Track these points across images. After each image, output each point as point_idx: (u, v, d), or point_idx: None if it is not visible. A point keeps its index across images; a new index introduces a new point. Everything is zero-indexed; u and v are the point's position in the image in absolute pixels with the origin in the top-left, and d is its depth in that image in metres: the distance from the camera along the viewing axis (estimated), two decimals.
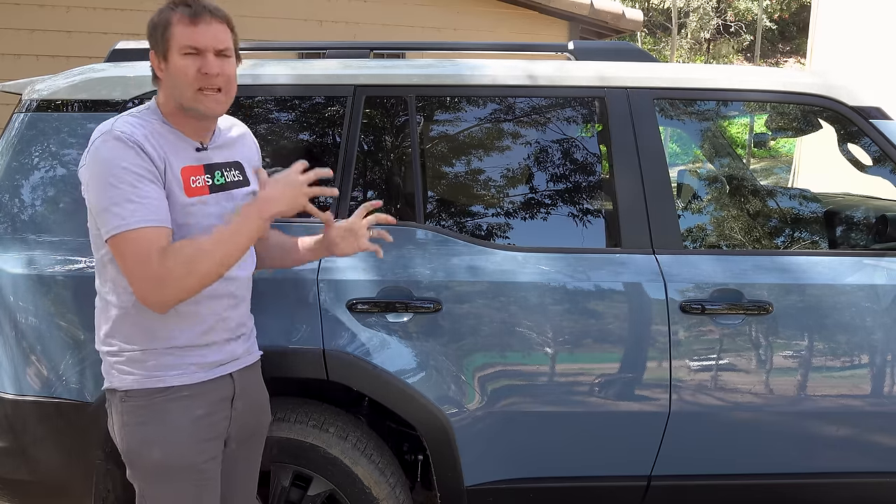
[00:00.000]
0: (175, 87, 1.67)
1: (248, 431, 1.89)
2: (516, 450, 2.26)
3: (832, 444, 2.32)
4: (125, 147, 1.59)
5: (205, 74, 1.64)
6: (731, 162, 3.54)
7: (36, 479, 2.15)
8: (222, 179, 1.77)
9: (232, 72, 1.71)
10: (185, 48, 1.64)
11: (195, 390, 1.73)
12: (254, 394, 1.90)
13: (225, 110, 1.74)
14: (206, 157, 1.75)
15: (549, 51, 2.77)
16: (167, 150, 1.67)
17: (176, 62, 1.65)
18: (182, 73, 1.64)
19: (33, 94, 2.24)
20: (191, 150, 1.73)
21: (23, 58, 5.48)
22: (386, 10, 6.59)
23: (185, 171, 1.69)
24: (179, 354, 1.72)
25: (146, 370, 1.70)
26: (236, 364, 1.83)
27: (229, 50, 1.70)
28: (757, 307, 2.23)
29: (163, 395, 1.70)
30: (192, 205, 1.69)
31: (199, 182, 1.71)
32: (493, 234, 2.35)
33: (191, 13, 1.65)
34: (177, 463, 1.71)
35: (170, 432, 1.70)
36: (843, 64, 8.30)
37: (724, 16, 24.72)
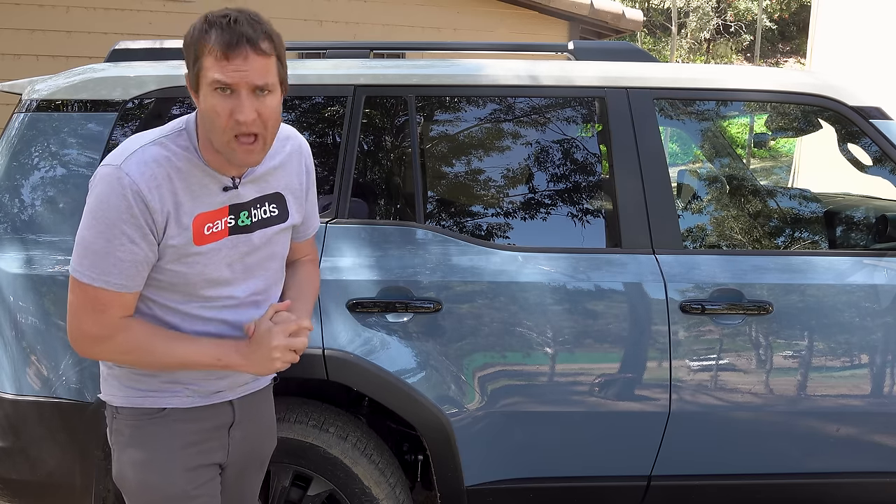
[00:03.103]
0: (206, 127, 1.47)
1: (250, 459, 1.76)
2: (516, 450, 2.26)
3: (832, 444, 2.32)
4: (122, 196, 1.43)
5: (236, 121, 1.41)
6: (731, 162, 3.54)
7: (36, 479, 2.15)
8: (248, 221, 1.58)
9: (272, 113, 1.46)
10: (216, 84, 1.40)
11: (188, 415, 1.61)
12: (258, 420, 1.76)
13: (262, 158, 1.51)
14: (235, 196, 1.56)
15: (549, 51, 2.77)
16: (183, 193, 1.49)
17: (206, 99, 1.42)
18: (213, 113, 1.42)
19: (33, 94, 2.24)
20: (217, 189, 1.53)
21: (23, 58, 5.48)
22: (386, 10, 6.59)
23: (200, 218, 1.51)
24: (173, 380, 1.59)
25: (137, 389, 1.59)
26: (240, 391, 1.68)
27: (270, 86, 1.44)
28: (757, 307, 2.23)
29: (153, 417, 1.59)
30: (201, 253, 1.53)
31: (218, 226, 1.54)
32: (494, 234, 2.35)
33: (225, 43, 1.39)
34: (166, 490, 1.59)
35: (158, 457, 1.59)
36: (843, 64, 8.31)
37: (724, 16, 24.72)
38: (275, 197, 1.63)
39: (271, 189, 1.63)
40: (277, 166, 1.64)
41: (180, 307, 1.57)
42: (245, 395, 1.70)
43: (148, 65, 2.27)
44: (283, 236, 1.68)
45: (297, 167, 1.69)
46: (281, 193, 1.64)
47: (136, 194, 1.43)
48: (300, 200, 1.71)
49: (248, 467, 1.77)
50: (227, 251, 1.57)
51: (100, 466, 2.11)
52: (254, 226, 1.59)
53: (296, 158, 1.69)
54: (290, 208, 1.67)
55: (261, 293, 1.65)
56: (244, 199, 1.58)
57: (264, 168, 1.61)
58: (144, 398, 1.60)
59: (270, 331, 1.52)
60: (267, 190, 1.62)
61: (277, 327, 1.53)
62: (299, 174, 1.70)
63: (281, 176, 1.65)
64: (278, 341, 1.52)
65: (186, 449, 1.61)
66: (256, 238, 1.61)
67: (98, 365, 1.73)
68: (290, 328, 1.54)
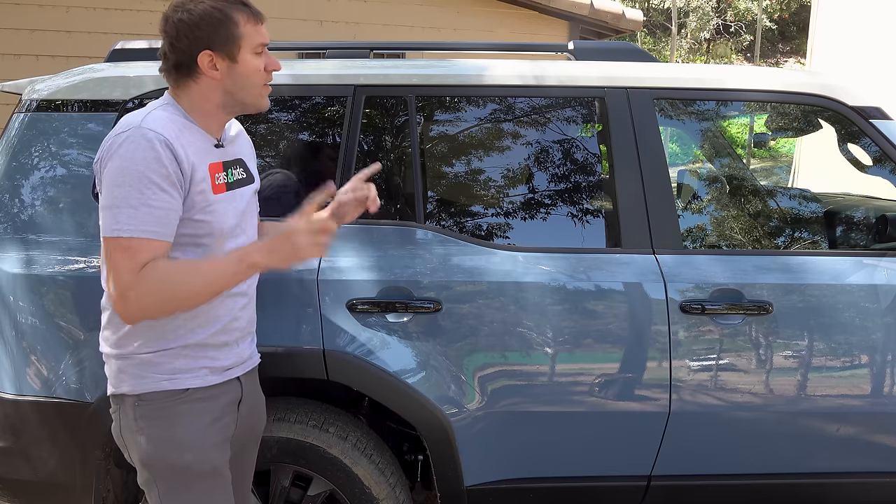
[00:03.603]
0: (243, 85, 1.69)
1: (249, 435, 1.89)
2: (516, 450, 2.26)
3: (832, 444, 2.32)
4: (150, 148, 1.54)
5: (271, 72, 1.71)
6: (731, 162, 3.54)
7: (36, 479, 2.15)
8: (232, 177, 1.76)
9: None
10: (259, 47, 1.68)
11: (209, 393, 1.72)
12: (255, 398, 1.90)
13: None
14: (223, 153, 1.75)
15: (549, 51, 2.77)
16: (194, 149, 1.64)
17: (250, 62, 1.67)
18: (255, 70, 1.68)
19: (33, 94, 2.24)
20: (211, 146, 1.71)
21: (23, 58, 5.48)
22: (386, 10, 6.59)
23: (211, 167, 1.68)
24: (192, 356, 1.70)
25: (160, 373, 1.68)
26: (243, 367, 1.82)
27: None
28: (757, 307, 2.23)
29: (178, 399, 1.69)
30: (218, 202, 1.67)
31: (221, 178, 1.71)
32: (494, 234, 2.35)
33: (255, 14, 1.69)
34: (200, 466, 1.70)
35: (189, 435, 1.69)
36: (843, 64, 8.31)
37: (724, 16, 24.72)
38: (241, 162, 1.83)
39: (238, 154, 1.82)
40: (236, 136, 1.85)
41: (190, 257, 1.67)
42: (247, 373, 1.83)
43: (148, 65, 2.26)
44: (254, 200, 1.85)
45: (247, 143, 1.91)
46: (243, 159, 1.84)
47: (164, 144, 1.56)
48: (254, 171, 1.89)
49: (247, 442, 1.89)
50: (231, 203, 1.73)
51: (100, 466, 2.11)
52: (237, 182, 1.78)
53: (245, 135, 1.92)
54: (253, 174, 1.86)
55: None
56: (228, 158, 1.77)
57: (228, 136, 1.81)
58: (169, 380, 1.68)
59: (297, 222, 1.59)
60: (236, 154, 1.81)
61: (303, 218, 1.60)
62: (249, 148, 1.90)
63: (240, 146, 1.86)
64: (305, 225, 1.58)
65: (212, 425, 1.73)
66: (243, 194, 1.79)
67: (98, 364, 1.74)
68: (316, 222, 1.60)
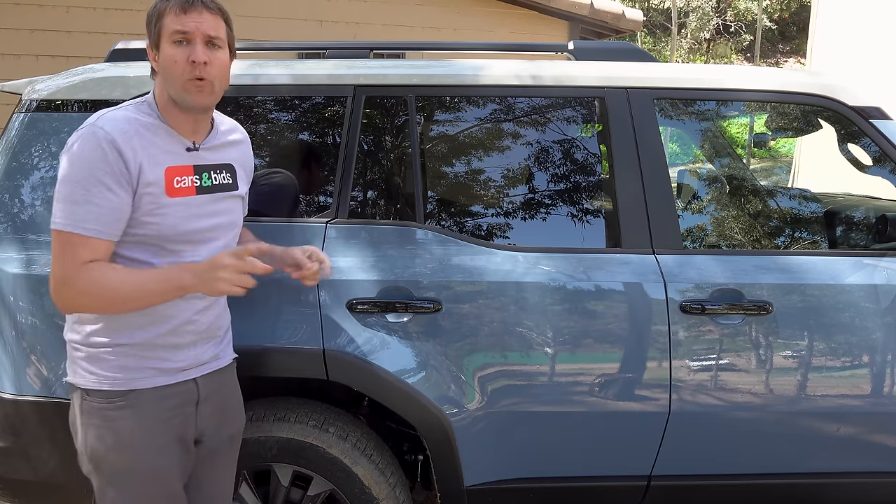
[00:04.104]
0: (166, 77, 1.66)
1: (218, 436, 1.86)
2: (516, 450, 2.26)
3: (832, 444, 2.32)
4: (97, 147, 1.58)
5: (192, 63, 1.63)
6: (731, 162, 3.54)
7: (36, 479, 2.15)
8: (209, 181, 1.76)
9: (223, 65, 1.69)
10: (175, 34, 1.63)
11: (155, 395, 1.71)
12: (225, 397, 1.88)
13: (213, 102, 1.72)
14: (197, 157, 1.74)
15: (549, 51, 2.77)
16: (152, 149, 1.65)
17: (166, 51, 1.64)
18: (171, 61, 1.64)
19: (33, 94, 2.24)
20: (181, 148, 1.71)
21: (23, 58, 5.48)
22: (386, 10, 6.59)
23: (170, 170, 1.67)
24: (140, 356, 1.70)
25: (107, 370, 1.69)
26: (202, 369, 1.80)
27: (220, 40, 1.68)
28: (757, 307, 2.23)
29: (122, 399, 1.69)
30: (172, 205, 1.67)
31: (186, 182, 1.70)
32: (494, 234, 2.35)
33: (182, 2, 1.64)
34: (138, 468, 1.70)
35: (129, 437, 1.69)
36: (843, 64, 8.31)
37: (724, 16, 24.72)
38: (229, 167, 1.83)
39: (226, 160, 1.83)
40: (232, 142, 1.86)
41: (152, 261, 1.69)
42: (209, 373, 1.82)
43: (148, 65, 2.26)
44: (237, 205, 1.86)
45: (244, 151, 1.92)
46: (233, 165, 1.84)
47: (111, 143, 1.59)
48: (244, 179, 1.90)
49: (219, 443, 1.87)
50: (195, 208, 1.72)
51: None
52: (213, 188, 1.77)
53: (246, 146, 1.93)
54: (239, 181, 1.86)
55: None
56: (206, 162, 1.76)
57: (221, 140, 1.82)
58: (112, 381, 1.69)
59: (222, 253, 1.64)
60: (223, 160, 1.82)
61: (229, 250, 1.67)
62: (244, 156, 1.91)
63: (232, 152, 1.86)
64: (228, 260, 1.61)
65: (155, 427, 1.71)
66: (218, 199, 1.78)
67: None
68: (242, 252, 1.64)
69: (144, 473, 1.71)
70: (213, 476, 1.87)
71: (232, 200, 1.83)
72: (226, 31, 1.71)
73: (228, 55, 1.72)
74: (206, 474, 1.85)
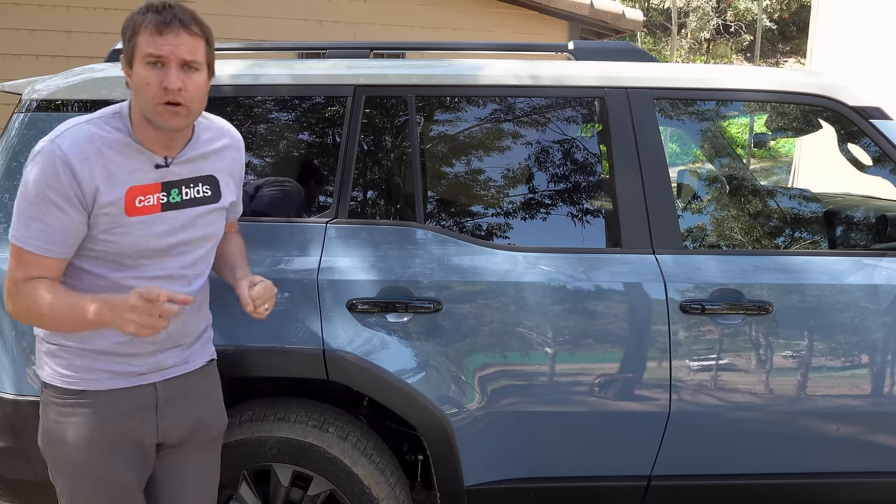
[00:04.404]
0: (137, 97, 1.63)
1: (192, 436, 1.84)
2: (516, 450, 2.26)
3: (832, 444, 2.32)
4: (51, 166, 1.57)
5: (165, 89, 1.58)
6: (731, 162, 3.54)
7: (36, 479, 2.15)
8: (178, 198, 1.71)
9: (198, 88, 1.64)
10: (148, 57, 1.58)
11: (107, 397, 1.71)
12: (196, 400, 1.84)
13: (186, 126, 1.67)
14: (167, 173, 1.70)
15: (549, 51, 2.77)
16: (114, 168, 1.62)
17: (139, 72, 1.60)
18: (143, 83, 1.59)
19: (33, 94, 2.24)
20: (148, 166, 1.68)
21: (23, 58, 5.48)
22: (386, 10, 6.60)
23: (132, 191, 1.64)
24: (93, 358, 1.70)
25: (60, 367, 1.71)
26: (164, 374, 1.78)
27: (197, 63, 1.62)
28: (757, 307, 2.23)
29: (73, 397, 1.70)
30: (133, 224, 1.65)
31: (150, 201, 1.67)
32: (493, 234, 2.35)
33: (159, 21, 1.58)
34: (82, 466, 1.70)
35: (76, 436, 1.69)
36: (843, 64, 8.30)
37: (724, 16, 24.71)
38: (208, 179, 1.78)
39: (206, 171, 1.78)
40: (213, 152, 1.80)
41: (111, 275, 1.68)
42: (173, 378, 1.79)
43: None
44: (216, 217, 1.82)
45: (231, 157, 1.85)
46: (214, 176, 1.79)
47: (66, 165, 1.58)
48: (230, 187, 1.85)
49: (192, 445, 1.85)
50: (160, 225, 1.69)
51: None
52: (184, 203, 1.73)
53: (232, 151, 1.86)
54: (223, 191, 1.82)
55: (189, 268, 1.77)
56: (177, 178, 1.72)
57: (200, 151, 1.77)
58: (67, 379, 1.70)
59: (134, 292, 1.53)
60: (202, 172, 1.77)
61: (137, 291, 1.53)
62: (232, 162, 1.85)
63: (215, 161, 1.80)
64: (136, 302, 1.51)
65: (105, 430, 1.70)
66: (188, 215, 1.74)
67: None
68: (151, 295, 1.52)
69: (93, 475, 1.71)
70: (186, 477, 1.84)
71: (210, 214, 1.79)
72: (204, 51, 1.64)
73: (206, 76, 1.66)
74: (178, 475, 1.83)
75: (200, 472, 1.88)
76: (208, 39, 1.66)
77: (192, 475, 1.86)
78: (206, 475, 1.90)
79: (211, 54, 1.67)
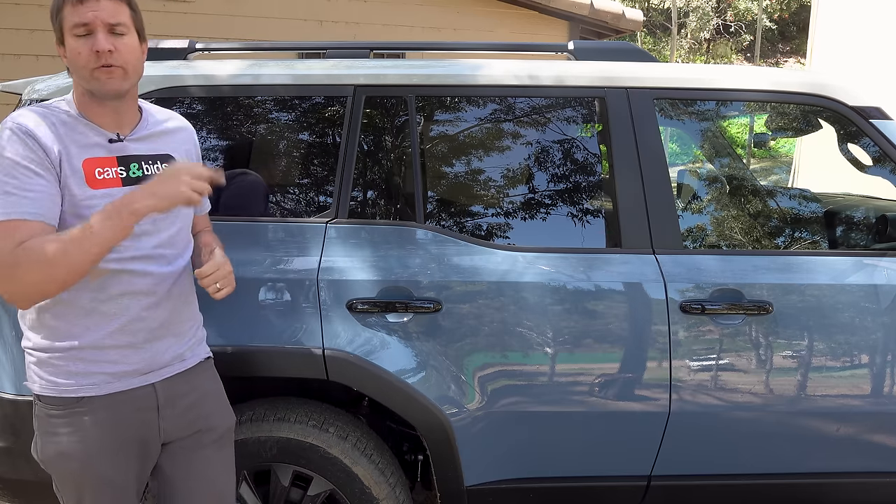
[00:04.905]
0: (74, 70, 1.63)
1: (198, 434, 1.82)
2: (516, 450, 2.26)
3: (832, 444, 2.32)
4: (14, 139, 1.58)
5: (96, 53, 1.59)
6: (731, 162, 3.54)
7: (36, 479, 2.15)
8: (139, 172, 1.70)
9: (129, 49, 1.64)
10: (74, 27, 1.60)
11: (106, 402, 1.69)
12: (198, 398, 1.83)
13: (125, 87, 1.66)
14: (122, 148, 1.70)
15: (549, 51, 2.77)
16: (69, 140, 1.63)
17: (70, 45, 1.61)
18: (75, 54, 1.61)
19: (33, 94, 2.24)
20: (101, 141, 1.67)
21: (23, 58, 5.47)
22: (386, 10, 6.60)
23: (88, 162, 1.64)
24: (90, 360, 1.67)
25: (56, 376, 1.67)
26: (162, 373, 1.76)
27: (123, 26, 1.63)
28: (757, 307, 2.23)
29: (69, 406, 1.67)
30: (97, 197, 1.63)
31: (109, 174, 1.66)
32: (493, 234, 2.35)
33: None
34: (87, 474, 1.69)
35: (76, 445, 1.67)
36: (843, 64, 8.31)
37: (724, 16, 24.71)
38: (166, 158, 1.78)
39: (162, 150, 1.78)
40: (166, 131, 1.81)
41: None
42: (172, 377, 1.78)
43: (147, 65, 2.26)
44: None
45: (186, 140, 1.87)
46: (171, 155, 1.79)
47: (27, 134, 1.59)
48: None
49: (198, 443, 1.83)
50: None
51: None
52: (146, 178, 1.70)
53: (186, 133, 1.88)
54: None
55: (166, 246, 1.75)
56: (133, 153, 1.72)
57: (152, 130, 1.77)
58: (58, 387, 1.67)
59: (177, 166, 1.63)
60: (158, 150, 1.77)
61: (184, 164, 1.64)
62: (187, 145, 1.87)
63: (170, 140, 1.81)
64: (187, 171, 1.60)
65: (105, 434, 1.69)
66: None
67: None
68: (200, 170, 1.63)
69: (95, 481, 1.69)
70: (194, 475, 1.83)
71: None
72: (129, 14, 1.65)
73: (137, 40, 1.67)
74: (187, 474, 1.81)
75: (214, 471, 1.87)
76: (131, 3, 1.67)
77: (199, 474, 1.84)
78: (217, 474, 1.88)
79: (138, 19, 1.69)
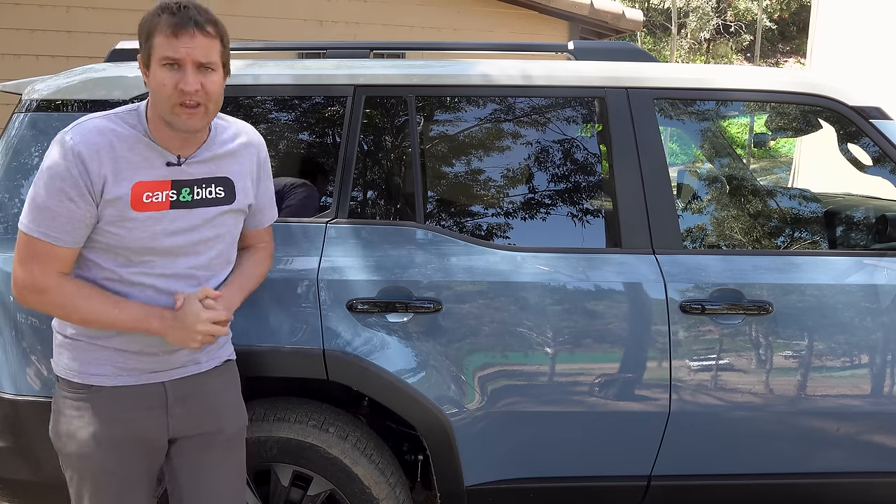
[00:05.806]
0: (154, 98, 1.65)
1: (207, 435, 1.82)
2: (516, 450, 2.26)
3: (832, 444, 2.32)
4: (63, 157, 1.60)
5: (181, 91, 1.59)
6: (731, 162, 3.54)
7: (36, 479, 2.15)
8: (189, 197, 1.72)
9: (214, 87, 1.65)
10: (164, 59, 1.59)
11: (115, 393, 1.72)
12: (211, 398, 1.83)
13: (203, 126, 1.69)
14: (179, 172, 1.71)
15: (549, 51, 2.77)
16: (122, 163, 1.64)
17: (155, 73, 1.61)
18: (160, 85, 1.61)
19: (33, 94, 2.24)
20: (159, 163, 1.69)
21: (23, 58, 5.48)
22: (386, 10, 6.60)
23: (139, 186, 1.65)
24: (100, 351, 1.72)
25: (72, 360, 1.73)
26: (174, 373, 1.78)
27: (213, 64, 1.63)
28: (757, 307, 2.23)
29: (80, 391, 1.72)
30: (139, 219, 1.66)
31: (159, 197, 1.68)
32: (493, 234, 2.35)
33: (174, 23, 1.58)
34: (87, 462, 1.72)
35: (80, 431, 1.71)
36: (843, 64, 8.30)
37: (724, 16, 24.70)
38: (223, 181, 1.78)
39: (220, 173, 1.77)
40: (229, 153, 1.80)
41: (119, 270, 1.69)
42: (184, 377, 1.80)
43: None
44: (230, 218, 1.81)
45: (249, 159, 1.85)
46: (229, 178, 1.79)
47: (77, 156, 1.60)
48: (247, 189, 1.84)
49: (208, 443, 1.83)
50: (168, 223, 1.70)
51: None
52: (195, 203, 1.73)
53: (251, 151, 1.85)
54: (238, 194, 1.81)
55: (200, 269, 1.77)
56: (189, 177, 1.72)
57: (216, 152, 1.77)
58: (74, 372, 1.72)
59: (198, 314, 1.69)
60: (216, 173, 1.77)
61: (205, 312, 1.70)
62: (250, 164, 1.85)
63: (231, 163, 1.80)
64: (203, 326, 1.69)
65: (111, 426, 1.71)
66: (199, 215, 1.74)
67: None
68: (216, 316, 1.72)
69: (94, 467, 1.73)
70: (203, 475, 1.83)
71: (224, 216, 1.78)
72: (220, 51, 1.65)
73: (222, 75, 1.68)
74: (196, 474, 1.82)
75: (222, 472, 1.87)
76: (223, 39, 1.66)
77: (208, 475, 1.85)
78: (226, 475, 1.88)
79: (226, 54, 1.68)
